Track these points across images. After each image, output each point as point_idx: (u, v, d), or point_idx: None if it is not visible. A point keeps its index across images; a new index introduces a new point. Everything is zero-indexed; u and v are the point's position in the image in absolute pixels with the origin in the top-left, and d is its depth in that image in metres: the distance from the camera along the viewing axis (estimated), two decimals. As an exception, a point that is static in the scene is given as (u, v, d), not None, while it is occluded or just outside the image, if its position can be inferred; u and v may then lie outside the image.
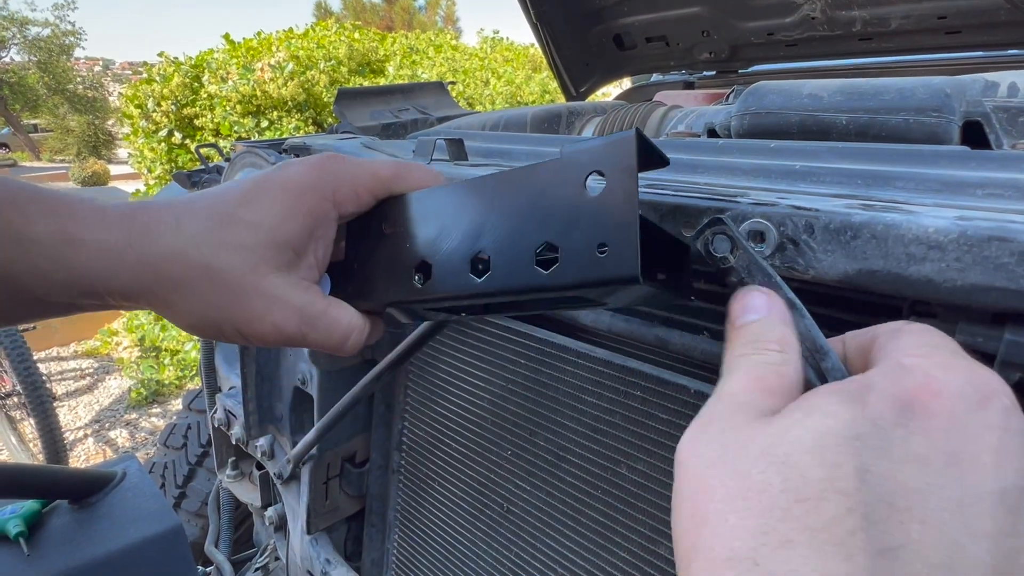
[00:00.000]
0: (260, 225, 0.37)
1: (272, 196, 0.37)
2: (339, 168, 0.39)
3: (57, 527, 0.89)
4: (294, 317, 0.38)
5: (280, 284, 0.37)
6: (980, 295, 0.32)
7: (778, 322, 0.29)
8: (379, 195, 0.41)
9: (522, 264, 0.33)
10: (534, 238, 0.33)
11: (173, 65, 4.88)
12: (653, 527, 0.56)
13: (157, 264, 0.35)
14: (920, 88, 0.54)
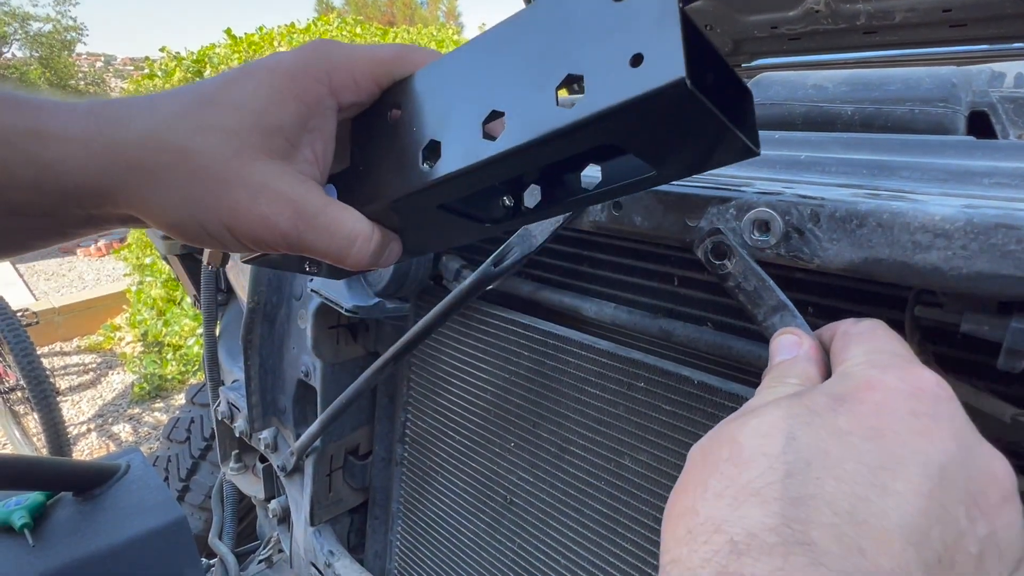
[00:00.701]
0: (244, 107, 0.32)
1: (258, 78, 0.33)
2: (334, 51, 0.35)
3: (62, 519, 0.90)
4: (287, 210, 0.33)
5: (269, 171, 0.33)
6: (986, 283, 0.32)
7: (803, 360, 0.32)
8: (382, 82, 0.36)
9: (543, 107, 0.28)
10: (555, 74, 0.27)
11: (175, 60, 4.87)
12: (656, 517, 0.56)
13: (128, 152, 0.31)
14: (926, 78, 0.53)
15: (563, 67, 0.27)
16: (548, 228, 0.51)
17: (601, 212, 0.48)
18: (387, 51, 0.36)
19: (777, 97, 0.60)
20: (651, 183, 0.33)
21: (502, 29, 0.31)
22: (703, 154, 0.31)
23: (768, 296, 0.35)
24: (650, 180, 0.33)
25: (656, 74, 0.24)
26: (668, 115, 0.26)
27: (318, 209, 0.34)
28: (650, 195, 0.45)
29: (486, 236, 0.39)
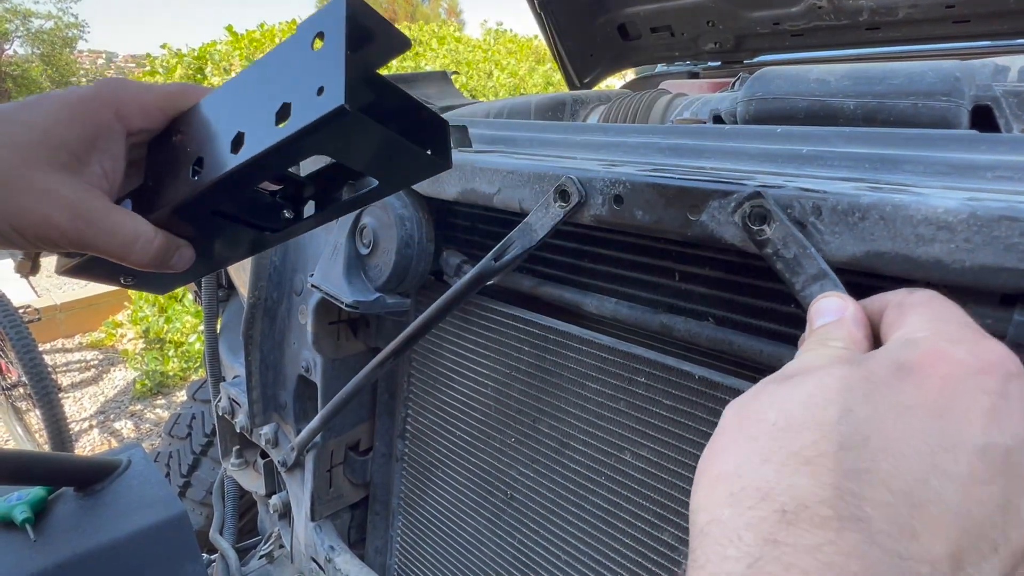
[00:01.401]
0: (34, 125, 0.37)
1: (50, 102, 0.38)
2: (123, 85, 0.41)
3: (63, 514, 0.90)
4: (67, 211, 0.37)
5: (53, 180, 0.37)
6: (990, 276, 0.31)
7: (850, 323, 0.31)
8: (168, 112, 0.42)
9: (266, 127, 0.36)
10: (275, 102, 0.36)
11: (176, 57, 4.87)
12: (656, 513, 0.56)
13: None
14: (929, 72, 0.53)
15: (279, 98, 0.35)
16: (549, 223, 0.51)
17: (603, 206, 0.48)
18: (173, 87, 0.43)
19: (779, 91, 0.60)
20: (376, 194, 0.42)
21: (250, 71, 0.39)
22: (405, 169, 0.40)
23: (808, 264, 0.35)
24: (375, 191, 0.42)
25: (329, 100, 0.32)
26: (351, 133, 0.34)
27: (99, 212, 0.39)
28: (651, 189, 0.45)
29: (272, 244, 0.47)
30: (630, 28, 1.74)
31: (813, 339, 0.31)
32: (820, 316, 0.32)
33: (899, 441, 0.23)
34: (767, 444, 0.25)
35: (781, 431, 0.25)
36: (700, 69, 1.79)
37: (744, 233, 0.37)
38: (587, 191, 0.48)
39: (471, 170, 0.58)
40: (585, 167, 0.50)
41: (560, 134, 0.64)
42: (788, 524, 0.22)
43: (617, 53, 1.85)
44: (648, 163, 0.52)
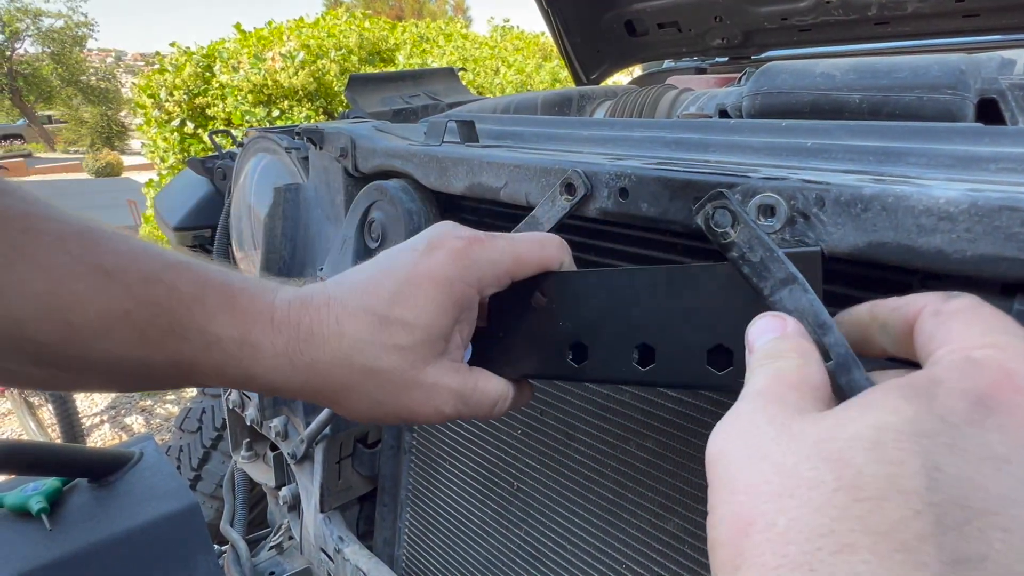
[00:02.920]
0: (415, 325, 0.39)
1: (423, 292, 0.39)
2: (482, 256, 0.40)
3: (77, 504, 0.92)
4: (451, 400, 0.41)
5: (436, 373, 0.40)
6: (990, 266, 0.32)
7: (793, 335, 0.29)
8: (517, 277, 0.42)
9: (693, 360, 0.35)
10: (707, 337, 0.35)
11: (185, 55, 4.90)
12: (661, 503, 0.56)
13: (325, 370, 0.38)
14: (935, 66, 0.53)
15: (718, 335, 0.34)
16: (555, 216, 0.52)
17: (608, 199, 0.49)
18: (524, 248, 0.42)
19: (784, 86, 0.60)
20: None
21: (656, 274, 0.37)
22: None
23: (776, 268, 0.34)
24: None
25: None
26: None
27: (472, 389, 0.41)
28: (656, 182, 0.45)
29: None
30: (637, 24, 1.74)
31: (761, 354, 0.28)
32: (759, 336, 0.30)
33: (1004, 507, 0.18)
34: (835, 518, 0.19)
35: (849, 501, 0.19)
36: (707, 65, 1.79)
37: (708, 235, 0.36)
38: (593, 184, 0.49)
39: (478, 164, 0.59)
40: (591, 161, 0.51)
41: (566, 129, 0.65)
42: None
43: (624, 49, 1.85)
44: (654, 157, 0.52)
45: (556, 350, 0.41)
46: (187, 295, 0.37)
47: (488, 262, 0.40)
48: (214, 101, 4.76)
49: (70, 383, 0.38)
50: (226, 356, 0.37)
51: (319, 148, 0.82)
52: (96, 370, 0.37)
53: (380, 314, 0.38)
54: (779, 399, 0.25)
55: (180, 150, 4.86)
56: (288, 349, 0.38)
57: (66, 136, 21.16)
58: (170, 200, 1.38)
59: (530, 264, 0.42)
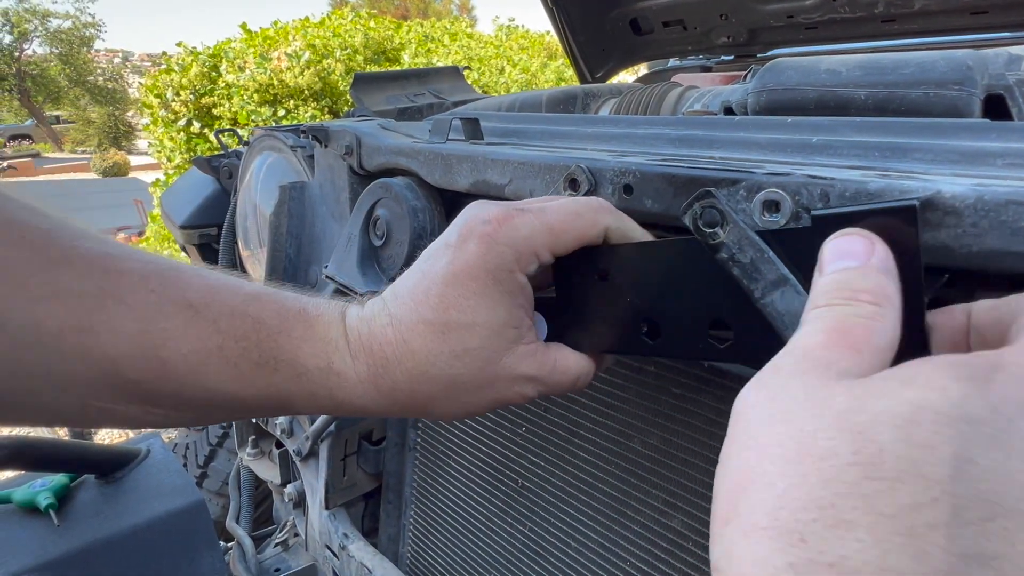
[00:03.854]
0: (474, 325, 0.38)
1: (469, 291, 0.38)
2: (514, 236, 0.39)
3: (85, 500, 0.92)
4: (531, 384, 0.41)
5: (512, 363, 0.40)
6: (997, 260, 0.32)
7: (876, 271, 0.25)
8: (559, 251, 0.40)
9: (773, 336, 0.33)
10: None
11: (191, 55, 4.92)
12: (665, 500, 0.56)
13: (408, 388, 0.39)
14: (941, 62, 0.53)
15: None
16: None
17: (612, 196, 0.49)
18: (557, 220, 0.40)
19: (790, 82, 0.60)
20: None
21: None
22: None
23: (767, 269, 0.32)
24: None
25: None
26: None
27: (552, 370, 0.41)
28: (661, 178, 0.45)
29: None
30: (642, 22, 1.74)
31: (831, 288, 0.24)
32: (838, 257, 0.26)
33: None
34: (839, 492, 0.18)
35: (860, 477, 0.18)
36: (712, 63, 1.79)
37: (697, 236, 0.35)
38: (597, 180, 0.49)
39: (483, 162, 0.59)
40: (595, 157, 0.51)
41: (571, 126, 0.65)
42: None
43: (629, 48, 1.85)
44: (658, 153, 0.52)
45: (628, 327, 0.40)
46: (272, 327, 0.38)
47: (522, 240, 0.39)
48: (220, 101, 4.78)
49: (164, 419, 0.39)
50: (315, 385, 0.39)
51: (324, 146, 0.83)
52: (191, 406, 0.38)
53: (438, 323, 0.38)
54: (827, 364, 0.22)
55: (186, 149, 4.89)
56: (370, 374, 0.39)
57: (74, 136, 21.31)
58: (176, 199, 1.39)
59: (567, 236, 0.40)
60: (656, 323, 0.39)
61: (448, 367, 0.39)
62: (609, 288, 0.41)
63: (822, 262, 0.27)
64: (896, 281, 0.25)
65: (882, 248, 0.26)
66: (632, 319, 0.40)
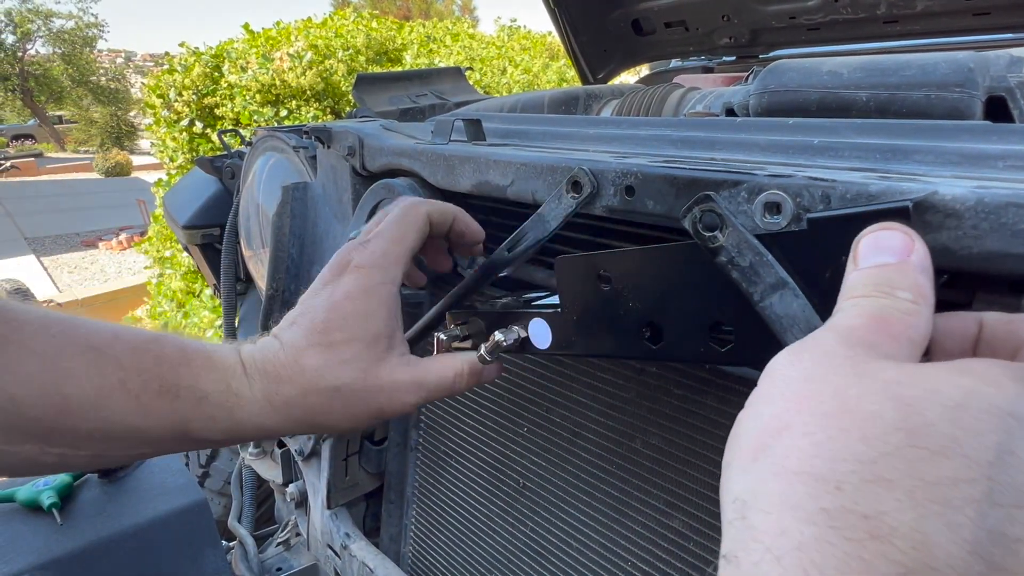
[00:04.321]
0: (352, 338, 0.44)
1: (346, 311, 0.45)
2: (372, 258, 0.46)
3: (88, 499, 0.93)
4: (412, 389, 0.46)
5: (388, 371, 0.45)
6: (997, 262, 0.32)
7: (915, 269, 0.25)
8: (410, 252, 0.48)
9: (764, 334, 0.33)
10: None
11: (194, 55, 4.93)
12: (667, 501, 0.56)
13: (299, 402, 0.44)
14: (943, 63, 0.53)
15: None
16: (561, 213, 0.52)
17: (614, 197, 0.49)
18: (394, 232, 0.48)
19: (791, 84, 0.60)
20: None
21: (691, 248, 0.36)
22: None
23: (766, 272, 0.32)
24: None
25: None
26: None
27: (426, 373, 0.47)
28: (662, 179, 0.45)
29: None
30: (644, 23, 1.74)
31: (868, 282, 0.25)
32: (876, 252, 0.26)
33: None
34: (883, 452, 0.18)
35: (905, 443, 0.18)
36: (714, 64, 1.79)
37: (696, 240, 0.35)
38: (599, 182, 0.49)
39: (485, 163, 0.59)
40: (597, 159, 0.51)
41: (573, 127, 0.65)
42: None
43: (631, 48, 1.85)
44: (660, 155, 0.52)
45: (630, 331, 0.40)
46: (174, 359, 0.41)
47: (380, 256, 0.46)
48: (223, 101, 4.79)
49: (58, 459, 0.39)
50: (215, 408, 0.42)
51: (327, 147, 0.83)
52: (89, 441, 0.39)
53: (324, 342, 0.44)
54: (870, 345, 0.22)
55: (189, 149, 4.90)
56: (265, 393, 0.43)
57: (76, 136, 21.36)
58: (179, 199, 1.39)
59: (409, 236, 0.48)
60: (658, 327, 0.39)
61: (334, 378, 0.44)
62: (611, 293, 0.41)
63: (857, 254, 0.27)
64: (932, 280, 0.25)
65: (921, 246, 0.26)
66: (634, 323, 0.40)
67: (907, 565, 0.17)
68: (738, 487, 0.21)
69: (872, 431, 0.19)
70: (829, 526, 0.18)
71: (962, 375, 0.20)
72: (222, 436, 0.43)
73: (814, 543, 0.18)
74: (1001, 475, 0.18)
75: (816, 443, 0.20)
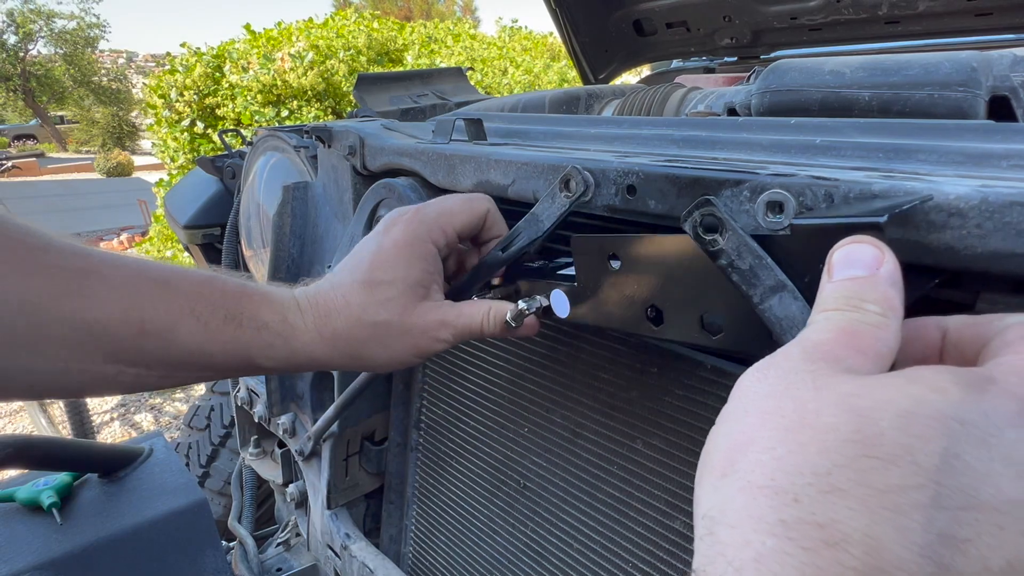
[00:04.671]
0: (393, 281, 0.50)
1: (391, 257, 0.50)
2: (424, 216, 0.51)
3: (88, 499, 0.92)
4: (443, 328, 0.51)
5: (423, 312, 0.50)
6: (1001, 262, 0.32)
7: (885, 282, 0.25)
8: (457, 227, 0.53)
9: (756, 327, 0.34)
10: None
11: (195, 55, 4.93)
12: (668, 502, 0.56)
13: (346, 333, 0.49)
14: (945, 63, 0.53)
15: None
16: (555, 213, 0.51)
17: (616, 196, 0.49)
18: (453, 204, 0.53)
19: (793, 83, 0.60)
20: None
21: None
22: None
23: (765, 275, 0.33)
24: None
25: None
26: None
27: (457, 316, 0.51)
28: (664, 179, 0.45)
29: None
30: (645, 24, 1.74)
31: (839, 295, 0.26)
32: (847, 266, 0.26)
33: (1012, 511, 0.18)
34: (837, 464, 0.19)
35: (858, 454, 0.19)
36: (716, 64, 1.79)
37: (696, 242, 0.36)
38: (600, 181, 0.49)
39: (486, 162, 0.59)
40: (599, 158, 0.51)
41: (574, 127, 0.65)
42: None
43: (632, 49, 1.85)
44: (662, 154, 0.52)
45: (635, 309, 0.43)
46: (236, 293, 0.47)
47: (431, 218, 0.51)
48: (224, 101, 4.79)
49: (134, 379, 0.45)
50: (274, 336, 0.47)
51: (328, 146, 0.83)
52: (162, 363, 0.44)
53: (369, 281, 0.50)
54: (835, 359, 0.23)
55: (190, 150, 4.90)
56: (316, 325, 0.49)
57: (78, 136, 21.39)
58: (180, 199, 1.39)
59: (462, 215, 0.52)
60: (659, 309, 0.42)
61: (376, 314, 0.49)
62: (619, 273, 0.44)
63: (831, 267, 0.28)
64: (901, 292, 0.26)
65: (892, 259, 0.27)
66: (638, 303, 0.43)
67: (860, 570, 0.18)
68: (708, 503, 0.22)
69: (828, 443, 0.20)
70: (787, 537, 0.19)
71: (912, 383, 0.21)
72: (279, 364, 0.48)
73: (772, 554, 0.19)
74: (947, 479, 0.18)
75: (777, 457, 0.21)
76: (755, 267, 0.33)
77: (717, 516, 0.21)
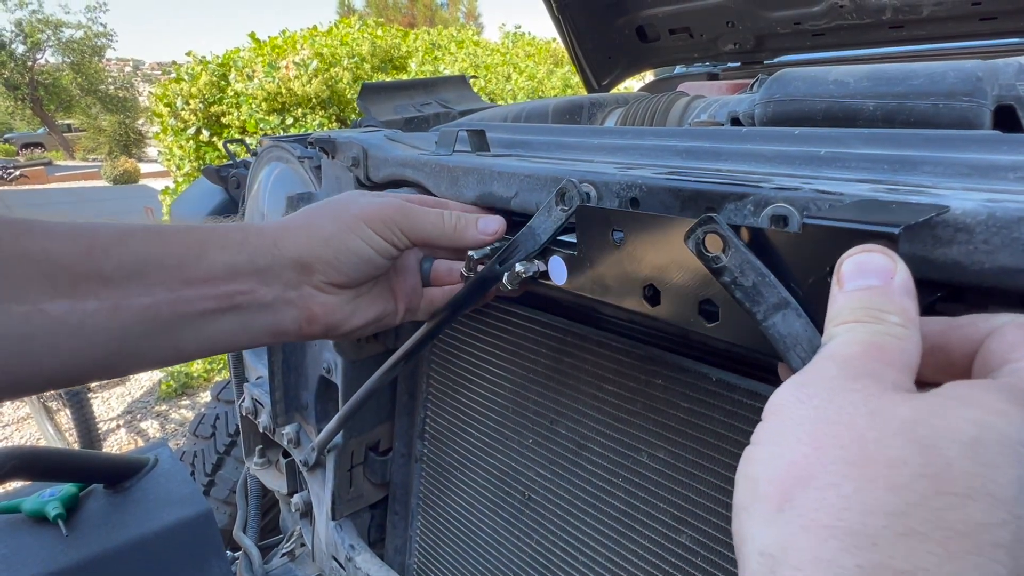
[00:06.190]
0: (351, 205, 0.52)
1: (360, 206, 0.52)
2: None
3: (93, 510, 0.93)
4: (396, 210, 0.52)
5: (355, 207, 0.51)
6: (1009, 277, 0.31)
7: (900, 292, 0.25)
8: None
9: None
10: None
11: (201, 64, 4.96)
12: (674, 515, 0.56)
13: (294, 234, 0.49)
14: (950, 72, 0.52)
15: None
16: (551, 226, 0.51)
17: (620, 208, 0.48)
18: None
19: (797, 93, 0.60)
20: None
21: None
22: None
23: (769, 293, 0.33)
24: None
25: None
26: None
27: (413, 210, 0.52)
28: (667, 191, 0.45)
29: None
30: (648, 30, 1.74)
31: (856, 306, 0.25)
32: (860, 275, 0.25)
33: None
34: (911, 503, 0.18)
35: (932, 491, 0.18)
36: (719, 70, 1.78)
37: (700, 260, 0.36)
38: (602, 193, 0.48)
39: (489, 174, 0.59)
40: (602, 170, 0.51)
41: (577, 137, 0.65)
42: None
43: (635, 55, 1.85)
44: (665, 166, 0.52)
45: (631, 285, 0.43)
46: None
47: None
48: (229, 109, 4.82)
49: (92, 312, 0.41)
50: (232, 230, 0.47)
51: (331, 157, 0.83)
52: (114, 281, 0.41)
53: (308, 211, 0.52)
54: (873, 375, 0.22)
55: (196, 157, 4.92)
56: (272, 226, 0.49)
57: (85, 144, 21.56)
58: (186, 207, 1.40)
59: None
60: (656, 289, 0.42)
61: (313, 216, 0.51)
62: (620, 247, 0.44)
63: (841, 275, 0.27)
64: (916, 302, 0.25)
65: (904, 269, 0.26)
66: (636, 280, 0.43)
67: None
68: (765, 539, 0.21)
69: (898, 480, 0.19)
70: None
71: (968, 407, 0.20)
72: (235, 258, 0.46)
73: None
74: (1023, 510, 0.18)
75: (843, 496, 0.19)
76: (758, 284, 0.33)
77: (779, 555, 0.20)
